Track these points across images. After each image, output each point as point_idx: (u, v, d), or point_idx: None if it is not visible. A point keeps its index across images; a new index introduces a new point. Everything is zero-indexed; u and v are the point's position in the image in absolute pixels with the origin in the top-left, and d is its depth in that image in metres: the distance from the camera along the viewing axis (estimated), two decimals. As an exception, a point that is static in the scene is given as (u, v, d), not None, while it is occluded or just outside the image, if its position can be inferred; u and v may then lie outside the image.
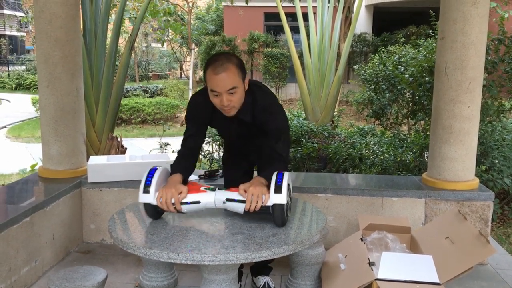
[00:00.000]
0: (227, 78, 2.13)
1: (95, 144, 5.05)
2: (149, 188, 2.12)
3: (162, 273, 2.74)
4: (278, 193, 2.04)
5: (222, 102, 2.17)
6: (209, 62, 2.19)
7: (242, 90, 2.21)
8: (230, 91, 2.15)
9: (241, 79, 2.19)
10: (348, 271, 2.61)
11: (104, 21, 5.03)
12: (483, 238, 2.47)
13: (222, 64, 2.13)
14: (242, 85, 2.20)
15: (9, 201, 3.11)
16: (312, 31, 7.74)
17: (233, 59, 2.18)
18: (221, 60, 2.15)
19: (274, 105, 2.38)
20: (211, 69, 2.15)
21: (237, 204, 2.11)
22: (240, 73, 2.18)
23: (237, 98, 2.19)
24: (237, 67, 2.17)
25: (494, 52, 4.58)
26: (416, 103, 5.38)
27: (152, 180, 2.15)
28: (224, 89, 2.14)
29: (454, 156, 3.29)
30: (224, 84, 2.13)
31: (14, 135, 11.72)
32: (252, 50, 16.89)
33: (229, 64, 2.14)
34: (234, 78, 2.15)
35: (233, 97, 2.18)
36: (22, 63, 26.71)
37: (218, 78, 2.13)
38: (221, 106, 2.20)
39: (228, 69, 2.13)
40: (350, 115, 13.08)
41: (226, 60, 2.15)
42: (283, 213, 2.07)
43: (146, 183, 2.14)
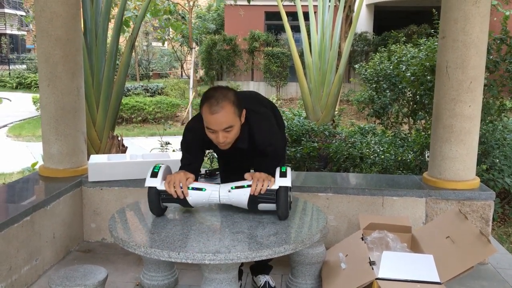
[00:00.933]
0: (223, 117, 2.09)
1: (95, 143, 5.05)
2: (157, 173, 2.17)
3: (163, 272, 2.75)
4: (283, 177, 2.11)
5: (217, 139, 2.15)
6: (205, 97, 2.14)
7: (238, 127, 2.18)
8: (226, 129, 2.13)
9: (237, 116, 2.15)
10: (349, 270, 2.60)
11: (105, 20, 5.03)
12: (484, 238, 2.47)
13: (218, 104, 2.07)
14: (238, 121, 2.17)
15: (10, 200, 3.11)
16: (313, 30, 7.73)
17: (230, 96, 2.12)
18: (218, 99, 2.08)
19: (270, 130, 2.36)
20: (207, 107, 2.10)
21: (243, 191, 2.13)
22: (237, 110, 2.13)
23: (232, 135, 2.17)
24: (233, 105, 2.11)
25: (496, 52, 4.57)
26: (417, 102, 5.38)
27: (159, 169, 2.20)
28: (219, 128, 2.11)
29: (455, 156, 3.28)
30: (220, 123, 2.10)
31: (14, 134, 11.73)
32: (252, 49, 16.89)
33: (225, 102, 2.08)
34: (230, 117, 2.11)
35: (229, 134, 2.15)
36: (23, 62, 26.73)
37: (214, 117, 2.08)
38: (217, 142, 2.18)
39: (224, 109, 2.08)
40: (351, 114, 13.07)
41: (222, 99, 2.09)
42: (287, 198, 2.10)
43: (154, 170, 2.19)
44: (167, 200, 2.19)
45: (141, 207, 2.44)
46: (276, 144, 2.38)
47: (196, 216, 2.26)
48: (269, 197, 2.12)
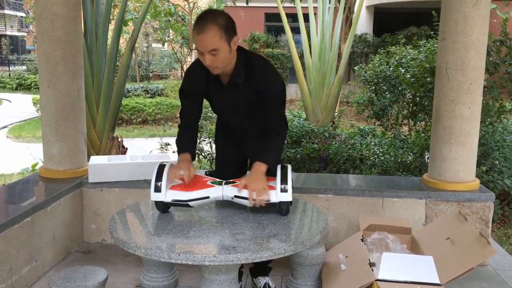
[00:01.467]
0: (207, 39, 2.09)
1: (95, 144, 5.05)
2: (160, 186, 2.20)
3: (163, 273, 2.74)
4: (284, 192, 2.17)
5: (204, 61, 2.16)
6: (196, 19, 2.15)
7: (226, 51, 2.15)
8: (212, 52, 2.11)
9: (225, 41, 2.13)
10: (349, 271, 2.61)
11: (105, 21, 5.03)
12: (483, 239, 2.47)
13: (206, 25, 2.08)
14: (226, 47, 2.14)
15: (10, 201, 3.11)
16: (313, 32, 7.73)
17: (219, 20, 2.11)
18: (205, 20, 2.09)
19: (269, 68, 2.32)
20: (195, 28, 2.11)
21: (245, 200, 2.20)
22: (224, 34, 2.11)
23: (220, 59, 2.15)
24: (220, 29, 2.10)
25: (496, 53, 4.58)
26: (417, 104, 5.39)
27: (162, 177, 2.21)
28: (205, 50, 2.11)
29: (454, 157, 3.29)
30: (204, 44, 2.10)
31: (15, 135, 11.73)
32: (253, 51, 16.88)
33: (212, 25, 2.08)
34: (215, 40, 2.09)
35: (216, 57, 2.13)
36: (23, 63, 26.71)
37: (199, 38, 2.10)
38: (205, 64, 2.19)
39: (210, 30, 2.08)
40: (351, 116, 13.08)
41: (210, 21, 2.09)
42: (288, 208, 2.25)
43: (156, 181, 2.21)
44: (173, 205, 2.28)
45: (141, 208, 2.45)
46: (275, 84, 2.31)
47: (196, 217, 2.26)
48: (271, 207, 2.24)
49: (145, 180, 3.47)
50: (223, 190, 2.24)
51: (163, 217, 2.26)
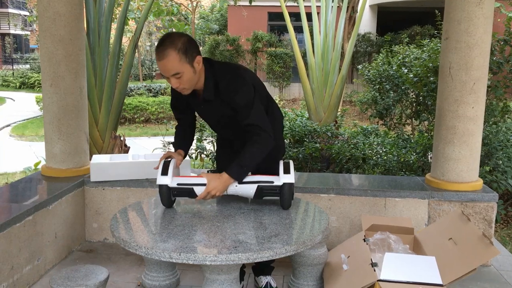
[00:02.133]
0: (167, 64, 2.13)
1: (98, 143, 5.05)
2: (167, 170, 2.28)
3: (164, 272, 2.74)
4: (287, 174, 2.27)
5: (171, 84, 2.21)
6: (157, 43, 2.18)
7: (189, 73, 2.18)
8: (175, 76, 2.16)
9: (186, 63, 2.15)
10: (351, 271, 2.60)
11: (108, 20, 5.03)
12: (486, 240, 2.46)
13: (164, 51, 2.11)
14: (188, 68, 2.16)
15: (12, 200, 3.12)
16: (316, 31, 7.72)
17: (178, 44, 2.12)
18: (164, 46, 2.12)
19: (234, 80, 2.30)
20: (156, 53, 2.16)
21: (249, 186, 2.27)
22: (184, 57, 2.13)
23: (185, 81, 2.19)
24: (179, 53, 2.11)
25: (500, 53, 4.56)
26: (420, 103, 5.37)
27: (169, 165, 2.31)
28: (167, 74, 2.17)
29: (458, 157, 3.27)
30: (166, 69, 2.15)
31: (18, 134, 11.76)
32: (255, 50, 16.88)
33: (170, 50, 2.11)
34: (175, 65, 2.13)
35: (180, 80, 2.18)
36: (27, 62, 26.80)
37: (160, 64, 2.15)
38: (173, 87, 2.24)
39: (169, 56, 2.11)
40: (354, 115, 13.06)
41: (168, 45, 2.11)
42: (290, 193, 2.28)
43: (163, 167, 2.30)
44: (177, 194, 2.31)
45: (143, 207, 2.44)
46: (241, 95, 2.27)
47: (197, 216, 2.26)
48: (273, 191, 2.29)
49: (147, 179, 3.47)
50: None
51: (164, 216, 2.26)
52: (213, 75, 2.30)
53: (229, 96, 2.28)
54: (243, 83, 2.30)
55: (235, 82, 2.29)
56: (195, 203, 2.43)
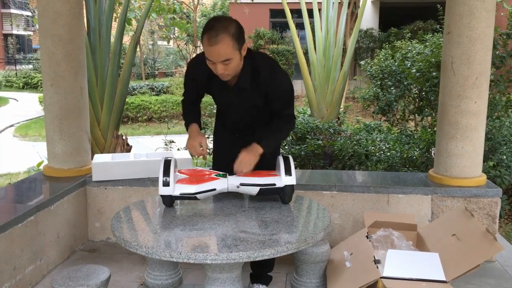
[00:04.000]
0: (220, 50, 2.09)
1: (100, 142, 5.05)
2: (169, 181, 2.24)
3: (167, 271, 2.74)
4: (288, 175, 2.26)
5: (216, 70, 2.17)
6: (206, 27, 2.12)
7: (237, 59, 2.17)
8: (224, 62, 2.13)
9: (236, 50, 2.14)
10: (354, 269, 2.58)
11: (109, 19, 5.02)
12: (490, 235, 2.44)
13: (217, 35, 2.07)
14: (237, 55, 2.16)
15: (14, 200, 3.12)
16: (317, 27, 7.68)
17: (230, 29, 2.10)
18: (217, 30, 2.08)
19: (275, 69, 2.32)
20: (206, 38, 2.10)
21: (251, 188, 2.29)
22: (236, 43, 2.12)
23: (232, 67, 2.17)
24: (232, 38, 2.10)
25: (502, 47, 4.52)
26: (423, 98, 5.34)
27: (169, 171, 2.25)
28: (217, 60, 2.12)
29: (461, 152, 3.25)
30: (217, 55, 2.11)
31: (21, 134, 11.79)
32: (258, 47, 16.83)
33: (224, 34, 2.07)
34: (228, 50, 2.10)
35: (228, 66, 2.15)
36: (29, 62, 26.85)
37: (211, 49, 2.09)
38: (216, 73, 2.20)
39: (223, 41, 2.07)
40: (357, 112, 13.02)
41: (221, 31, 2.07)
42: (292, 193, 2.32)
43: (164, 176, 2.24)
44: (180, 198, 2.31)
45: (144, 207, 2.44)
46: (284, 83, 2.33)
47: (198, 215, 2.25)
48: (275, 192, 2.32)
49: (149, 178, 3.46)
50: (228, 180, 2.29)
51: (165, 215, 2.25)
52: (252, 64, 2.28)
53: (271, 85, 2.29)
54: (286, 76, 2.36)
55: (279, 73, 2.32)
56: (196, 202, 2.42)
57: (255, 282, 2.77)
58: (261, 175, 2.33)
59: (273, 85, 2.29)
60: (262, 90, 2.30)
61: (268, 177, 2.31)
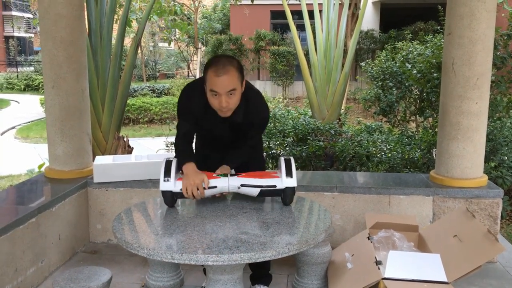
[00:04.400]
0: (227, 80, 2.22)
1: (101, 144, 5.05)
2: (169, 177, 2.27)
3: (168, 273, 2.74)
4: (289, 177, 2.28)
5: (221, 103, 2.26)
6: (210, 63, 2.27)
7: (239, 93, 2.31)
8: (230, 93, 2.24)
9: (240, 82, 2.29)
10: (355, 270, 2.58)
11: (110, 21, 5.03)
12: (492, 236, 2.44)
13: (224, 67, 2.22)
14: (240, 87, 2.30)
15: (15, 202, 3.12)
16: (318, 29, 7.69)
17: (234, 63, 2.28)
18: (223, 63, 2.23)
19: (264, 106, 2.51)
20: (213, 70, 2.23)
21: (252, 189, 2.29)
22: (240, 76, 2.28)
23: (234, 100, 2.29)
24: (237, 71, 2.26)
25: (503, 48, 4.52)
26: (424, 99, 5.34)
27: (170, 169, 2.30)
28: (224, 91, 2.23)
29: (462, 153, 3.25)
30: (224, 85, 2.23)
31: (22, 136, 11.81)
32: (258, 49, 16.86)
33: (230, 67, 2.23)
34: (234, 81, 2.24)
35: (231, 99, 2.27)
36: (31, 64, 26.89)
37: (219, 79, 2.22)
38: (219, 107, 2.28)
39: (229, 72, 2.22)
40: (358, 113, 13.02)
41: (228, 63, 2.24)
42: (293, 195, 2.32)
43: (165, 173, 2.28)
44: (180, 196, 2.32)
45: (145, 208, 2.44)
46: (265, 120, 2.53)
47: (199, 217, 2.25)
48: (276, 194, 2.32)
49: (150, 179, 3.47)
50: (229, 180, 2.30)
51: (166, 217, 2.25)
52: (245, 98, 2.39)
53: (257, 115, 2.45)
54: (267, 106, 2.55)
55: (263, 105, 2.51)
56: (197, 203, 2.42)
57: (256, 283, 2.78)
58: (262, 176, 2.34)
59: (259, 115, 2.48)
60: (249, 120, 2.43)
61: (269, 178, 2.31)
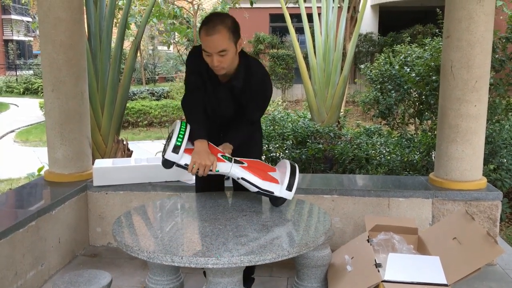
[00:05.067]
0: (217, 40, 2.19)
1: (101, 147, 5.06)
2: (179, 149, 2.21)
3: (168, 276, 2.73)
4: (288, 191, 2.27)
5: (212, 62, 2.25)
6: (203, 21, 2.24)
7: (233, 53, 2.27)
8: (221, 53, 2.22)
9: (232, 42, 2.24)
10: (355, 272, 2.58)
11: (109, 25, 5.04)
12: (491, 239, 2.44)
13: (214, 27, 2.18)
14: (233, 47, 2.26)
15: (15, 205, 3.12)
16: (317, 32, 7.71)
17: (227, 22, 2.22)
18: (214, 22, 2.20)
19: (265, 75, 2.45)
20: (204, 30, 2.21)
21: (251, 186, 2.29)
22: (232, 36, 2.23)
23: (227, 59, 2.26)
24: (229, 31, 2.21)
25: (502, 50, 4.54)
26: (423, 102, 5.35)
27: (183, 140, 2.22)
28: (214, 51, 2.22)
29: (461, 156, 3.25)
30: (214, 45, 2.20)
31: (22, 139, 11.80)
32: (257, 52, 16.87)
33: (221, 26, 2.19)
34: (225, 41, 2.20)
35: (223, 58, 2.25)
36: (30, 68, 26.89)
37: (209, 39, 2.19)
38: (212, 65, 2.28)
39: (220, 32, 2.19)
40: (357, 115, 13.03)
41: (219, 22, 2.20)
42: (283, 202, 2.35)
43: (176, 142, 2.21)
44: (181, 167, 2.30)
45: (145, 211, 2.44)
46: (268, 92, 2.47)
47: (199, 219, 2.25)
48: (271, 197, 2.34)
49: (150, 183, 3.47)
50: (232, 167, 2.29)
51: (166, 220, 2.26)
52: (246, 66, 2.37)
53: (257, 82, 2.39)
54: (271, 85, 2.50)
55: (268, 81, 2.45)
56: (198, 206, 2.42)
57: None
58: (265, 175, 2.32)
59: (261, 89, 2.43)
60: (250, 91, 2.41)
61: (270, 182, 2.30)
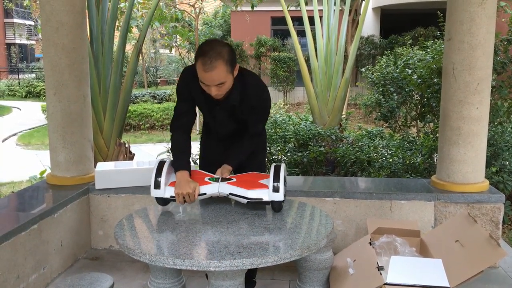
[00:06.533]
0: (215, 75, 2.17)
1: (103, 150, 5.06)
2: (160, 182, 2.30)
3: (170, 279, 2.72)
4: (276, 192, 2.26)
5: (210, 91, 2.25)
6: (200, 52, 2.18)
7: (230, 81, 2.27)
8: (219, 85, 2.22)
9: (230, 73, 2.23)
10: (357, 275, 2.58)
11: (111, 28, 5.06)
12: (493, 241, 2.43)
13: (211, 63, 2.14)
14: (230, 77, 2.26)
15: (17, 208, 3.13)
16: (319, 35, 7.72)
17: (223, 54, 2.17)
18: (211, 56, 2.14)
19: (261, 87, 2.44)
20: (201, 64, 2.16)
21: (240, 199, 2.31)
22: (230, 68, 2.21)
23: (225, 89, 2.27)
24: (226, 64, 2.18)
25: (503, 53, 4.54)
26: (425, 105, 5.34)
27: (161, 175, 2.31)
28: (212, 84, 2.21)
29: (463, 158, 3.25)
30: (212, 80, 2.19)
31: (24, 143, 11.83)
32: (259, 55, 16.90)
33: (218, 62, 2.15)
34: (222, 75, 2.19)
35: (221, 88, 2.25)
36: (32, 71, 26.98)
37: (206, 75, 2.17)
38: (209, 93, 2.27)
39: (217, 68, 2.15)
40: (359, 118, 13.03)
41: (216, 57, 2.14)
42: (281, 206, 2.33)
43: (156, 177, 2.31)
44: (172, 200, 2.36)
45: (147, 215, 2.44)
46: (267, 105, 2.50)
47: (201, 222, 2.25)
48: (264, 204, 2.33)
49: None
50: (219, 187, 2.32)
51: (168, 223, 2.26)
52: (241, 81, 2.36)
53: (254, 96, 2.40)
54: (269, 94, 2.49)
55: (265, 91, 2.45)
56: (200, 209, 2.43)
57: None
58: (252, 183, 2.33)
59: (259, 101, 2.43)
60: (248, 105, 2.41)
61: (257, 189, 2.30)
